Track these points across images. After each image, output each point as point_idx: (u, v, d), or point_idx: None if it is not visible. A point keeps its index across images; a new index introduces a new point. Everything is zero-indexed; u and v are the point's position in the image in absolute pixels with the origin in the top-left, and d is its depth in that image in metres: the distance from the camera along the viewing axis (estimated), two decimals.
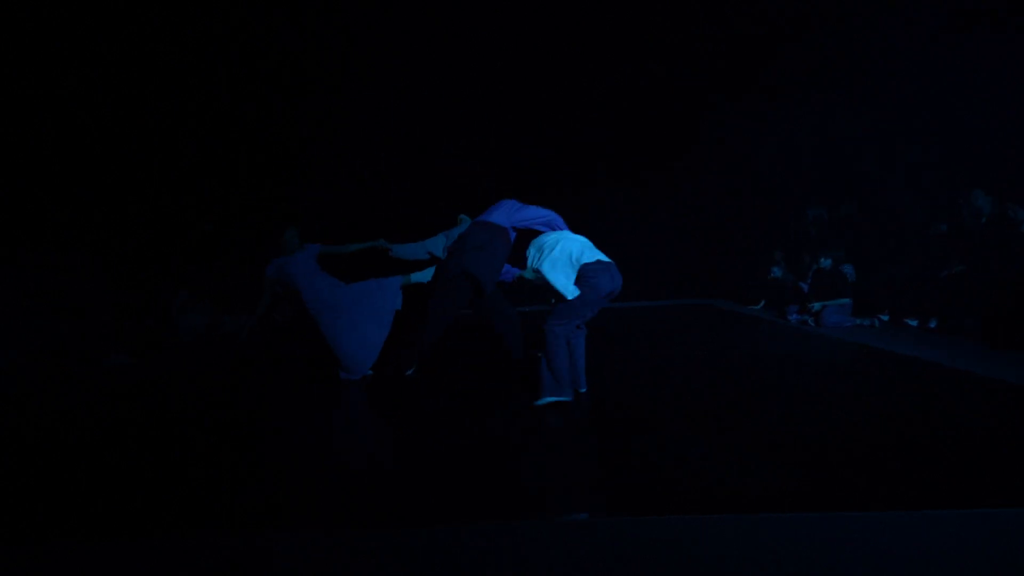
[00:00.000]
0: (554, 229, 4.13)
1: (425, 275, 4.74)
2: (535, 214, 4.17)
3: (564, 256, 3.66)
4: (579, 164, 8.82)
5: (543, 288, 3.81)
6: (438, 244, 4.76)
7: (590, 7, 7.06)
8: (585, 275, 3.59)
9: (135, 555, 2.07)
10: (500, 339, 4.63)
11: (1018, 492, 2.09)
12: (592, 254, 3.69)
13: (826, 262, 6.41)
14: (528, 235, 4.09)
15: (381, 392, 4.19)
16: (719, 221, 9.32)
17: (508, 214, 4.23)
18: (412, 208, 7.33)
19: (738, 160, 8.80)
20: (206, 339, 6.90)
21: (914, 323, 5.92)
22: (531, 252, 3.81)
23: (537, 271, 3.70)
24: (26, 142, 6.54)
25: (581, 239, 3.81)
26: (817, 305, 6.27)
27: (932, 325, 5.68)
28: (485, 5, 6.86)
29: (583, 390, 3.82)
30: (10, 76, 6.22)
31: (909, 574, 1.90)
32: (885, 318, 6.22)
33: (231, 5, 6.47)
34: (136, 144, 7.39)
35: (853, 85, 7.13)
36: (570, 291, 3.57)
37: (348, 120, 8.38)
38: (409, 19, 7.05)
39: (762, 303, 7.87)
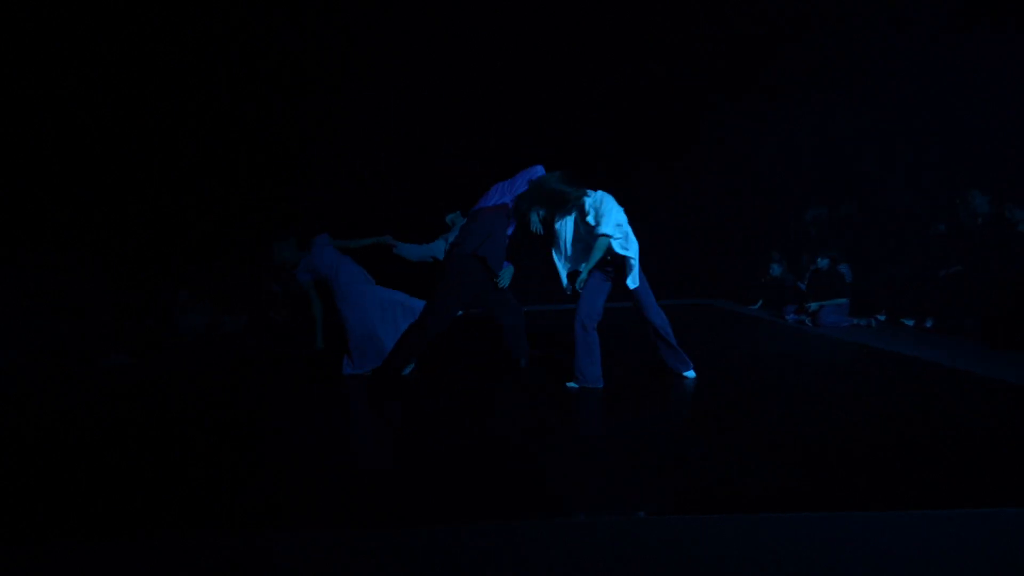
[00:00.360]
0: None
1: None
2: (528, 174, 4.19)
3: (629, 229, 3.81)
4: (579, 164, 8.81)
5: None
6: (440, 248, 4.77)
7: (590, 7, 7.06)
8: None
9: (135, 555, 2.07)
10: (503, 336, 4.61)
11: (1018, 492, 2.09)
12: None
13: (823, 262, 6.42)
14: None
15: (381, 392, 4.19)
16: (719, 221, 9.32)
17: (505, 191, 4.24)
18: (412, 208, 7.32)
19: (738, 160, 8.80)
20: (206, 339, 6.90)
21: (911, 323, 5.92)
22: (610, 212, 3.79)
23: (607, 236, 3.75)
24: (26, 142, 6.54)
25: None
26: (814, 305, 6.28)
27: (928, 325, 5.68)
28: (485, 5, 6.86)
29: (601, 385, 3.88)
30: (10, 76, 6.22)
31: (909, 574, 1.90)
32: (882, 318, 6.22)
33: (231, 5, 6.47)
34: (136, 144, 7.39)
35: (853, 85, 7.14)
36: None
37: (348, 120, 8.38)
38: (409, 19, 7.05)
39: (760, 303, 7.88)
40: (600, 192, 3.90)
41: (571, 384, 3.91)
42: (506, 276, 4.25)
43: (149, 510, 2.35)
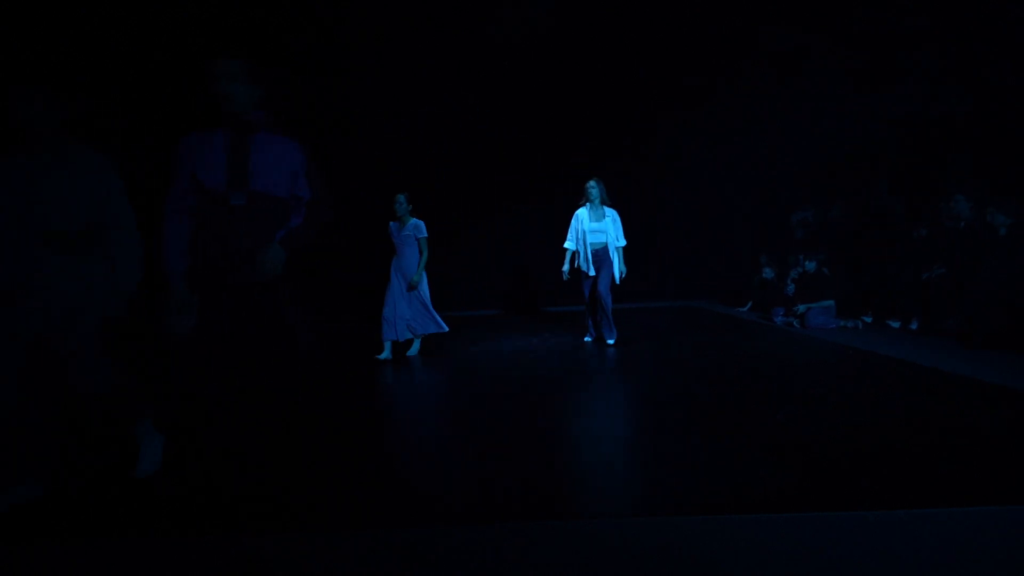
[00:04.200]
0: None
1: None
2: None
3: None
4: (573, 166, 8.84)
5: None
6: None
7: (582, 15, 7.10)
8: None
9: (135, 555, 2.05)
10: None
11: (1013, 490, 2.13)
12: None
13: (810, 264, 6.49)
14: None
15: (380, 391, 4.17)
16: (707, 224, 9.39)
17: None
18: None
19: (728, 164, 8.87)
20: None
21: (896, 324, 6.02)
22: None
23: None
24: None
25: None
26: (802, 307, 6.35)
27: (913, 327, 5.78)
28: (484, 8, 6.88)
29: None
30: None
31: (909, 574, 1.93)
32: (868, 319, 6.31)
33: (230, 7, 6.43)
34: (126, 139, 7.26)
35: (843, 88, 7.23)
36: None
37: (347, 120, 8.31)
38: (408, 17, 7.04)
39: (749, 305, 7.94)
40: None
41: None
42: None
43: (142, 512, 2.33)
